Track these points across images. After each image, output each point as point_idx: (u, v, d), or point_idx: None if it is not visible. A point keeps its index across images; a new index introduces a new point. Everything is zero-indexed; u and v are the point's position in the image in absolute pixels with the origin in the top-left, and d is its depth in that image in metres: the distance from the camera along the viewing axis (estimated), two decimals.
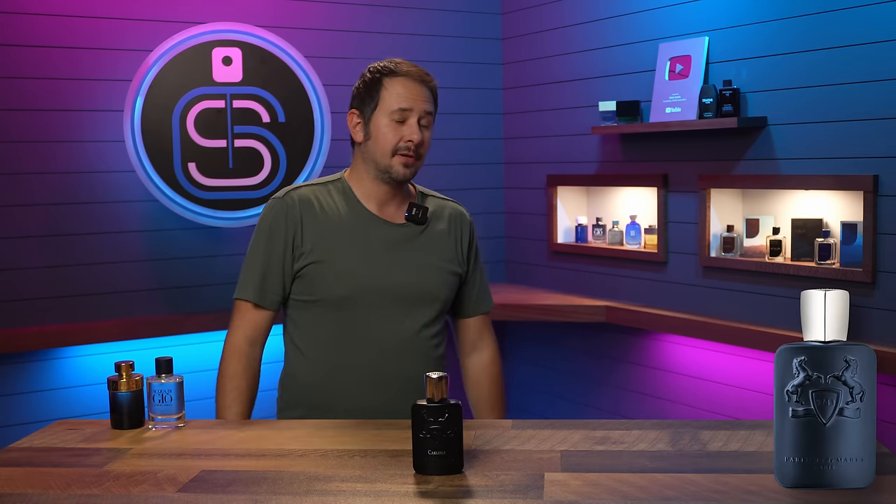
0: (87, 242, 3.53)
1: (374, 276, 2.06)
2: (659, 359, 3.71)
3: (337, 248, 2.06)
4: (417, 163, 2.07)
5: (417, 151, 2.06)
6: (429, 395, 1.55)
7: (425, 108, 2.06)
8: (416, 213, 2.11)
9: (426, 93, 2.08)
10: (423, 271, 2.10)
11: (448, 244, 2.16)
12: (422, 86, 2.07)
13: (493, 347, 2.28)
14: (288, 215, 2.07)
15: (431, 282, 2.11)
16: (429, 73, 2.12)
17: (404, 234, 2.11)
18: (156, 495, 1.49)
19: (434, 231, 2.15)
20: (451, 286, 2.15)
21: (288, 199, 2.10)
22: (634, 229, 3.73)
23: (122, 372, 1.87)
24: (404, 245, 2.10)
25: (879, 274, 2.88)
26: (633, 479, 1.51)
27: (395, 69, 2.08)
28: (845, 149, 2.96)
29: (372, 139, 2.07)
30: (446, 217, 2.19)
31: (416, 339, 2.09)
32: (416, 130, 2.05)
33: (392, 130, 2.05)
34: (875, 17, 2.85)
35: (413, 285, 2.09)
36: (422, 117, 2.06)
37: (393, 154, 2.05)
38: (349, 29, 3.96)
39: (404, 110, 2.04)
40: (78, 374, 3.52)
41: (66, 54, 3.45)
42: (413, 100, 2.05)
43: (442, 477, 1.53)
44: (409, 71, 2.08)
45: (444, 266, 2.13)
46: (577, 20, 3.92)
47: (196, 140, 3.41)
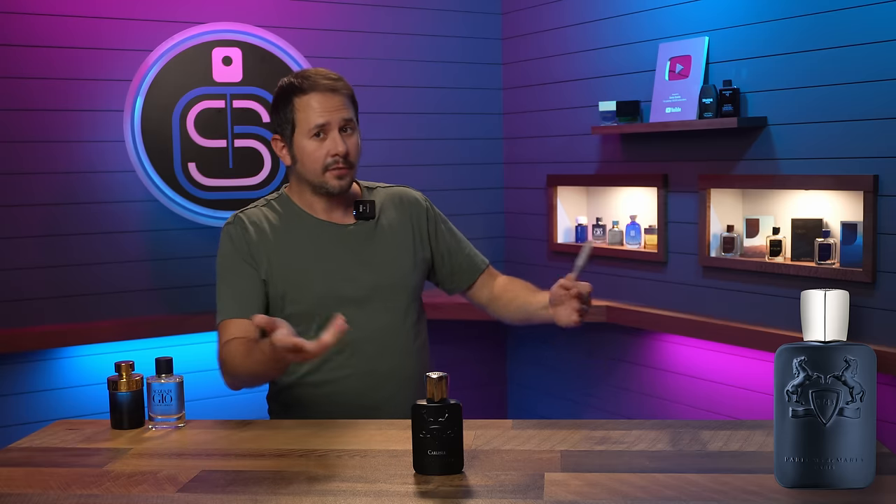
0: (87, 242, 3.53)
1: (337, 280, 2.06)
2: (659, 359, 3.71)
3: (294, 262, 2.06)
4: (351, 171, 2.06)
5: (347, 160, 2.04)
6: (429, 395, 1.55)
7: (343, 117, 2.04)
8: (363, 210, 2.12)
9: (339, 100, 2.04)
10: (385, 264, 2.11)
11: (404, 231, 2.16)
12: (333, 95, 2.04)
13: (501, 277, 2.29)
14: (243, 237, 2.07)
15: (397, 272, 2.12)
16: (339, 77, 2.08)
17: (357, 232, 2.12)
18: (156, 495, 1.49)
19: (387, 222, 2.15)
20: (418, 272, 2.16)
21: (237, 221, 2.10)
22: (634, 229, 3.73)
23: (122, 372, 1.87)
24: (360, 243, 2.11)
25: (879, 274, 2.88)
26: (633, 479, 1.51)
27: (300, 86, 2.04)
28: (845, 149, 2.96)
29: (299, 161, 2.06)
30: (396, 204, 2.19)
31: (396, 333, 2.10)
32: (340, 142, 2.03)
33: (316, 148, 2.03)
34: (875, 17, 2.85)
35: (378, 280, 2.09)
36: (342, 126, 2.04)
37: (324, 171, 2.04)
38: (349, 29, 3.96)
39: (321, 125, 2.02)
40: (78, 374, 3.52)
41: (66, 54, 3.45)
42: (328, 113, 2.02)
43: (442, 477, 1.53)
44: (316, 84, 2.03)
45: (405, 254, 2.14)
46: (577, 20, 3.92)
47: (196, 140, 3.41)
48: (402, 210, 2.19)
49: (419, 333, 2.17)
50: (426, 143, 4.10)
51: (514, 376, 4.41)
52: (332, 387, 2.06)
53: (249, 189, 3.49)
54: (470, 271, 2.26)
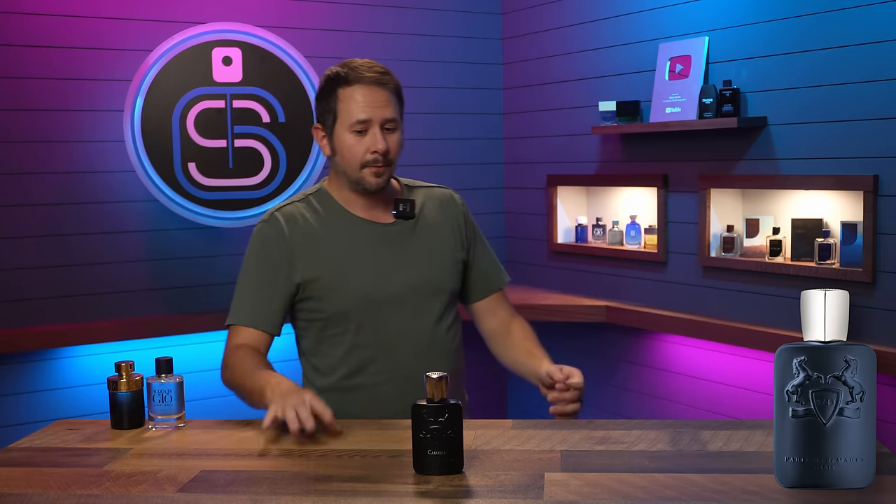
0: (87, 242, 3.53)
1: (375, 280, 2.02)
2: (659, 359, 3.71)
3: (332, 261, 2.02)
4: (389, 169, 2.01)
5: (386, 158, 2.00)
6: (429, 395, 1.55)
7: (385, 116, 1.99)
8: (403, 209, 2.07)
9: (385, 96, 1.99)
10: (424, 265, 2.06)
11: (444, 232, 2.11)
12: (379, 89, 1.99)
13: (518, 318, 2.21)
14: (277, 237, 2.03)
15: (435, 274, 2.07)
16: (386, 71, 2.02)
17: (397, 232, 2.07)
18: (156, 495, 1.49)
19: (427, 222, 2.10)
20: (455, 274, 2.11)
21: (273, 220, 2.05)
22: (634, 229, 3.73)
23: (122, 372, 1.87)
24: (399, 243, 2.06)
25: (879, 274, 2.87)
26: (633, 479, 1.51)
27: (347, 77, 1.98)
28: (845, 149, 2.96)
29: (338, 154, 2.02)
30: (436, 205, 2.14)
31: (432, 335, 2.05)
32: (380, 139, 1.98)
33: (356, 143, 1.98)
34: (875, 17, 2.85)
35: (417, 281, 2.04)
36: (384, 124, 1.99)
37: (362, 167, 1.99)
38: (349, 29, 3.96)
39: (363, 122, 1.97)
40: (78, 374, 3.52)
41: (66, 54, 3.45)
42: (371, 109, 1.97)
43: (442, 477, 1.53)
44: (362, 77, 1.98)
45: (445, 255, 2.09)
46: (577, 20, 3.92)
47: (196, 140, 3.41)
48: (443, 211, 2.13)
49: (455, 336, 2.12)
50: (426, 143, 4.10)
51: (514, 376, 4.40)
52: (369, 391, 2.02)
53: (249, 189, 3.49)
54: (485, 285, 2.19)
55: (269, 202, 3.52)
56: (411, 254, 2.06)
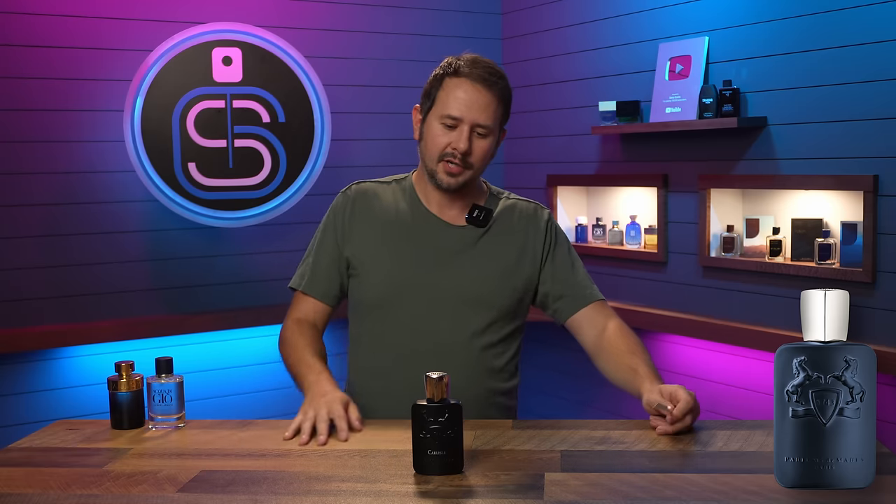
0: (87, 242, 3.53)
1: (414, 277, 1.97)
2: (659, 359, 3.71)
3: (382, 247, 2.00)
4: (466, 171, 1.94)
5: (465, 160, 1.92)
6: (429, 395, 1.55)
7: (478, 120, 1.91)
8: (477, 216, 1.99)
9: (487, 99, 1.92)
10: (476, 277, 1.98)
11: (512, 248, 2.03)
12: (484, 91, 1.91)
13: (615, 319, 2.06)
14: (345, 209, 2.04)
15: (485, 288, 1.98)
16: (500, 74, 1.96)
17: (462, 236, 2.00)
18: (156, 495, 1.49)
19: (497, 234, 2.02)
20: (510, 295, 2.01)
21: (349, 192, 2.07)
22: (634, 229, 3.73)
23: (122, 372, 1.87)
24: (460, 248, 2.00)
25: (879, 274, 2.87)
26: (633, 479, 1.51)
27: (458, 69, 1.93)
28: (845, 149, 2.96)
29: (424, 140, 1.97)
30: (515, 219, 2.05)
31: (463, 346, 1.97)
32: (465, 139, 1.90)
33: (441, 135, 1.92)
34: (875, 17, 2.85)
35: (462, 292, 1.97)
36: (475, 127, 1.92)
37: (439, 160, 1.93)
38: (349, 29, 3.96)
39: (454, 118, 1.91)
40: (78, 374, 3.52)
41: (66, 54, 3.45)
42: (466, 109, 1.90)
43: (442, 477, 1.53)
44: (471, 73, 1.92)
45: (502, 273, 2.00)
46: (577, 20, 3.92)
47: (196, 140, 3.41)
48: (520, 226, 2.05)
49: (499, 356, 2.01)
50: None
51: None
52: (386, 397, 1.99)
53: (249, 189, 3.49)
54: (572, 302, 2.05)
55: (269, 202, 3.52)
56: (467, 262, 1.99)
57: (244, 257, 3.78)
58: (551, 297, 2.06)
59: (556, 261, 2.07)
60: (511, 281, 2.02)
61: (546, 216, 2.10)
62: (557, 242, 2.09)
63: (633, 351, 1.97)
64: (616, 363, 1.97)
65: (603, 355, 2.01)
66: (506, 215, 2.06)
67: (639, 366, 1.92)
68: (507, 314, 2.02)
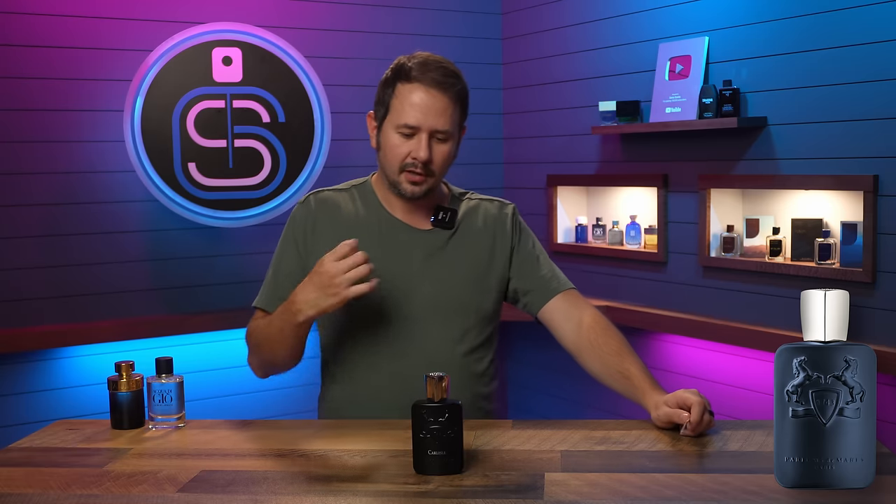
0: (87, 242, 3.53)
1: (386, 284, 1.89)
2: (659, 359, 3.71)
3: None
4: (429, 179, 1.89)
5: (427, 168, 1.87)
6: (429, 395, 1.55)
7: (437, 127, 1.85)
8: (442, 218, 1.96)
9: (443, 103, 1.85)
10: (448, 281, 1.95)
11: (481, 248, 1.99)
12: (440, 95, 1.85)
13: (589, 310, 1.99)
14: (305, 221, 1.97)
15: (460, 291, 1.95)
16: (455, 73, 1.89)
17: (429, 240, 1.96)
18: (156, 495, 1.49)
19: (465, 236, 1.99)
20: (488, 294, 1.99)
21: (306, 203, 1.99)
22: (634, 229, 3.73)
23: (122, 372, 1.87)
24: (428, 252, 1.96)
25: (879, 274, 2.87)
26: (633, 479, 1.51)
27: (410, 72, 1.86)
28: (845, 149, 2.96)
29: (382, 150, 1.91)
30: (481, 218, 2.02)
31: (442, 355, 1.93)
32: (424, 147, 1.85)
33: (399, 144, 1.87)
34: (875, 17, 2.85)
35: (437, 297, 1.94)
36: (434, 133, 1.86)
37: (401, 171, 1.88)
38: (349, 29, 3.96)
39: (411, 127, 1.85)
40: (78, 374, 3.52)
41: (66, 54, 3.45)
42: (423, 116, 1.84)
43: (442, 477, 1.53)
44: (424, 77, 1.85)
45: (475, 273, 1.98)
46: (577, 20, 3.92)
47: (196, 140, 3.41)
48: (487, 226, 2.01)
49: (477, 362, 1.98)
50: None
51: (514, 376, 4.41)
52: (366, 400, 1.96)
53: (249, 189, 3.49)
54: (540, 294, 2.00)
55: (269, 202, 3.52)
56: (438, 266, 1.96)
57: (244, 257, 3.78)
58: (520, 291, 2.03)
59: (522, 255, 2.04)
60: (485, 283, 1.99)
61: (510, 212, 2.06)
62: (522, 237, 2.06)
63: (618, 351, 1.93)
64: (604, 366, 1.93)
65: (587, 355, 1.96)
66: (471, 216, 2.02)
67: (630, 370, 1.89)
68: (485, 317, 2.00)
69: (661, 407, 1.77)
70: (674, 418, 1.73)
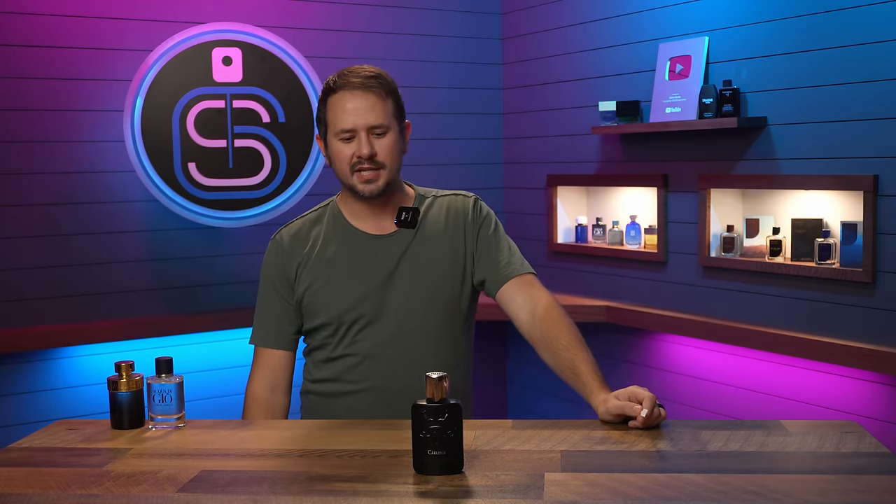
0: (87, 242, 3.53)
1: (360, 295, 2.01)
2: (659, 359, 3.71)
3: (324, 277, 2.03)
4: (381, 172, 1.98)
5: (375, 162, 1.97)
6: (429, 395, 1.55)
7: (370, 122, 1.96)
8: (404, 218, 2.03)
9: (370, 101, 1.97)
10: (418, 278, 2.03)
11: (446, 243, 2.06)
12: (364, 94, 1.97)
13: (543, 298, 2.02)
14: (281, 255, 2.08)
15: (430, 287, 2.03)
16: (377, 73, 2.00)
17: (396, 243, 2.04)
18: (156, 495, 1.49)
19: (428, 232, 2.06)
20: (458, 287, 2.06)
21: (279, 238, 2.10)
22: (634, 229, 3.73)
23: (122, 372, 1.87)
24: (395, 254, 2.04)
25: (879, 274, 2.87)
26: (633, 479, 1.51)
27: (334, 85, 1.99)
28: (845, 149, 2.96)
29: (333, 162, 2.03)
30: (443, 212, 2.09)
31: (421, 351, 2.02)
32: (365, 143, 1.95)
33: (344, 148, 1.98)
34: (875, 17, 2.85)
35: (410, 294, 2.02)
36: (371, 130, 1.97)
37: (352, 172, 1.99)
38: (349, 29, 3.96)
39: (348, 131, 1.97)
40: (78, 374, 3.52)
41: (66, 54, 3.45)
42: (354, 117, 1.96)
43: (442, 477, 1.53)
44: (346, 83, 1.97)
45: (443, 268, 2.04)
46: (577, 20, 3.92)
47: (196, 140, 3.42)
48: (449, 220, 2.08)
49: (455, 355, 2.07)
50: (426, 143, 4.10)
51: (514, 376, 4.41)
52: (348, 399, 2.04)
53: (249, 189, 3.49)
54: (495, 279, 2.05)
55: (269, 202, 3.52)
56: (406, 265, 2.03)
57: (244, 257, 3.78)
58: (478, 277, 2.08)
59: (482, 242, 2.09)
60: (453, 276, 2.06)
61: (472, 203, 2.12)
62: (483, 224, 2.10)
63: (568, 346, 1.97)
64: (555, 360, 1.99)
65: (540, 347, 2.02)
66: (435, 212, 2.09)
67: (580, 367, 1.93)
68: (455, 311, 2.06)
69: (612, 400, 1.81)
70: (626, 410, 1.77)
